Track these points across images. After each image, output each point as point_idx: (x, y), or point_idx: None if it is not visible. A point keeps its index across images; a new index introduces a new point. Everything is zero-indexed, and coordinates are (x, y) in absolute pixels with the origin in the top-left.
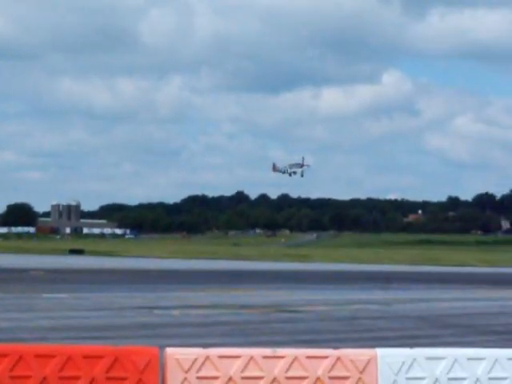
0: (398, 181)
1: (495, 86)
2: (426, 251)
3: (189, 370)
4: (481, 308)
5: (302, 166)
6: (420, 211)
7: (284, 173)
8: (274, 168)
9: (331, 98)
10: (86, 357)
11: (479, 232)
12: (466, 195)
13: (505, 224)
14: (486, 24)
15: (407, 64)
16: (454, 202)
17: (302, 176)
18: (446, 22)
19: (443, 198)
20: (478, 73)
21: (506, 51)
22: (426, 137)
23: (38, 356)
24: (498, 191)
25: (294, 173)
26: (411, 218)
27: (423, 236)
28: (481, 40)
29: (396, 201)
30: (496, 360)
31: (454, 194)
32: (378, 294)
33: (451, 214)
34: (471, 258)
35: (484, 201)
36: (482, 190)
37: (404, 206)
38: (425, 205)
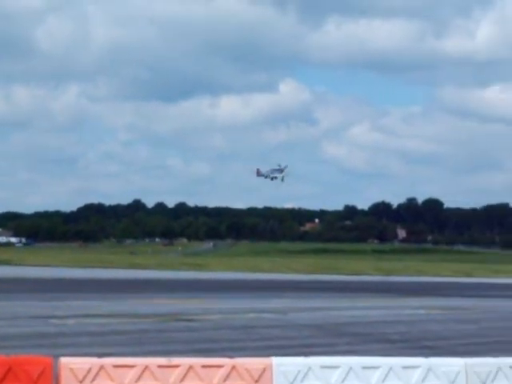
0: (295, 190)
1: (391, 96)
2: (323, 260)
3: (83, 379)
4: (377, 316)
5: (282, 171)
6: (317, 220)
7: (266, 177)
8: (258, 173)
9: (229, 107)
10: None
11: (376, 241)
12: (363, 204)
13: (401, 233)
14: (381, 33)
15: (304, 73)
16: (350, 211)
17: (283, 181)
18: (342, 32)
19: (340, 207)
20: (374, 82)
21: (401, 61)
22: (324, 146)
23: None
24: (395, 200)
25: (276, 178)
26: (308, 226)
27: (320, 245)
28: (377, 49)
29: (293, 210)
30: (390, 368)
31: (350, 202)
32: (274, 303)
33: (348, 222)
34: (368, 266)
35: (380, 210)
36: (378, 199)
37: (301, 215)
38: (322, 214)
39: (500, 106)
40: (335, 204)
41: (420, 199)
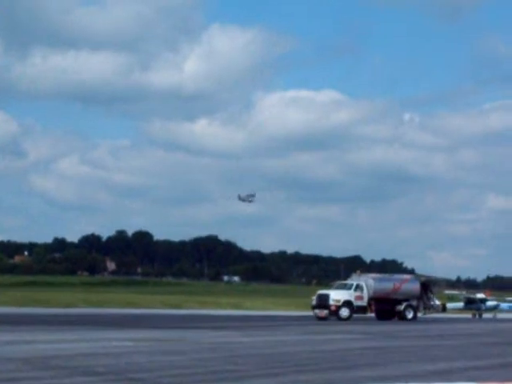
0: (3, 222)
1: (100, 128)
2: (32, 293)
3: None
4: (84, 349)
5: (253, 196)
6: (26, 252)
7: (244, 201)
8: (240, 197)
9: None
10: None
11: (85, 273)
12: (72, 237)
13: (110, 265)
14: (89, 66)
15: (12, 105)
16: (60, 243)
17: (251, 202)
18: (49, 63)
19: (49, 240)
20: (83, 115)
21: (110, 93)
22: (32, 178)
23: None
24: (104, 233)
25: (250, 201)
26: (17, 259)
27: (29, 277)
28: (85, 82)
29: (2, 242)
30: None
31: (60, 235)
32: None
33: (57, 255)
34: (77, 299)
35: (90, 242)
36: (87, 232)
37: (10, 248)
38: (31, 246)
39: (207, 140)
40: (44, 236)
41: (130, 231)
